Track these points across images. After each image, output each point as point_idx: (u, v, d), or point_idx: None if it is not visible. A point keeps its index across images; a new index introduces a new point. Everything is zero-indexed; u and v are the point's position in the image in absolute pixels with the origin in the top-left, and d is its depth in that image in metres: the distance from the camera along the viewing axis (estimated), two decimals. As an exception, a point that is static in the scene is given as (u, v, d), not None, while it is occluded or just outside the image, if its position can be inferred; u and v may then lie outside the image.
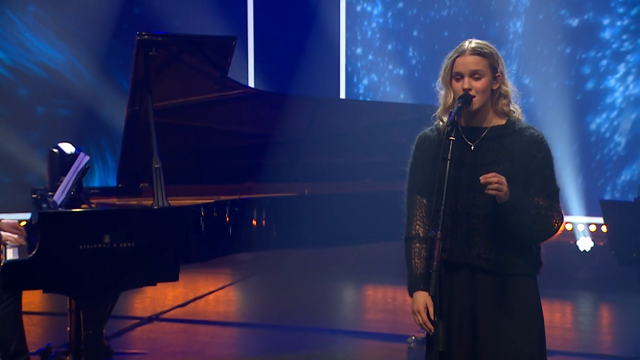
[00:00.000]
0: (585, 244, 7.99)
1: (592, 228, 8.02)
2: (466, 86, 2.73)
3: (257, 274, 8.44)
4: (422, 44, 8.57)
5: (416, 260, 2.79)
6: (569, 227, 7.94)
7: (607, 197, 7.75)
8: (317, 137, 5.16)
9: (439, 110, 2.85)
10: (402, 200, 5.08)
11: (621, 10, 7.94)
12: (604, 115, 8.00)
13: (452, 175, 2.63)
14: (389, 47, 8.71)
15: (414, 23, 8.61)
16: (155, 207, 4.12)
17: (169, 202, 4.18)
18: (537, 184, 2.72)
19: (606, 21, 7.98)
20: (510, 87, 2.80)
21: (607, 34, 7.97)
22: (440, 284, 2.60)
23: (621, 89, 7.96)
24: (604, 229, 7.91)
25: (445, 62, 2.79)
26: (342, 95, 8.78)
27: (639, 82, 7.89)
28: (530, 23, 8.10)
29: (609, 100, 8.00)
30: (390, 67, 8.71)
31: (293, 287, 7.87)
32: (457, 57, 2.75)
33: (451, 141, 2.65)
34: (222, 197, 4.70)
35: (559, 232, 2.80)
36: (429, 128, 2.89)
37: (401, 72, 8.61)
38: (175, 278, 4.04)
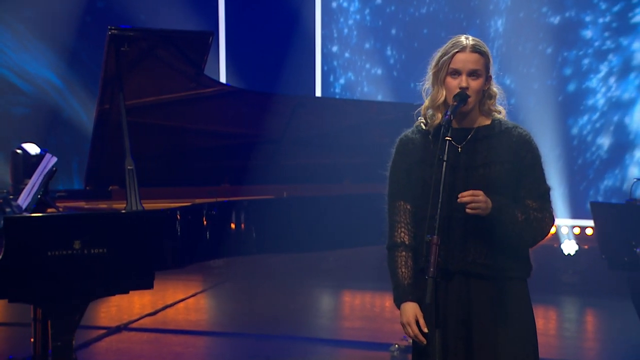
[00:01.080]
0: (569, 247, 8.05)
1: (576, 231, 8.08)
2: (464, 84, 2.70)
3: (229, 280, 8.38)
4: (401, 42, 8.58)
5: (402, 270, 2.76)
6: (552, 230, 8.00)
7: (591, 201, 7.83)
8: (296, 137, 5.12)
9: (423, 107, 2.82)
10: (383, 203, 5.09)
11: (603, 6, 8.02)
12: (585, 118, 8.07)
13: (437, 179, 2.62)
14: (367, 45, 8.70)
15: (392, 20, 8.62)
16: (129, 211, 4.05)
17: (143, 205, 4.11)
18: (527, 185, 2.73)
19: (588, 18, 8.05)
20: (496, 87, 2.81)
21: (589, 32, 8.04)
22: (437, 291, 2.57)
23: (603, 89, 8.04)
24: (588, 231, 7.99)
25: (441, 57, 2.75)
26: (318, 94, 8.76)
27: (622, 83, 7.96)
28: (512, 21, 8.15)
29: (590, 101, 8.07)
30: (368, 66, 8.70)
31: (268, 294, 7.83)
32: (457, 52, 2.71)
33: (447, 142, 2.63)
34: (198, 200, 4.65)
35: (550, 234, 2.81)
36: (409, 130, 2.87)
37: (379, 71, 8.61)
38: (149, 285, 3.98)
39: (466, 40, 2.74)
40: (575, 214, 7.92)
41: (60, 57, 9.02)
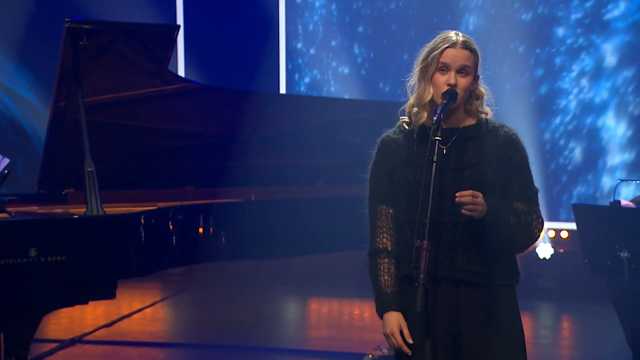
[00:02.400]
0: (544, 251, 8.12)
1: (551, 234, 8.16)
2: (452, 81, 2.69)
3: (190, 288, 8.28)
4: (369, 39, 8.58)
5: (385, 278, 2.74)
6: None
7: (563, 206, 7.90)
8: (266, 137, 5.08)
9: (408, 104, 2.80)
10: (357, 205, 5.06)
11: (575, 2, 8.11)
12: (558, 119, 8.15)
13: (427, 182, 2.60)
14: (333, 42, 8.68)
15: (359, 16, 8.62)
16: (89, 216, 3.96)
17: (104, 209, 4.02)
18: (515, 187, 2.73)
19: (560, 14, 8.14)
20: (484, 88, 2.80)
21: (561, 30, 8.12)
22: (427, 298, 2.55)
23: (575, 90, 8.13)
24: (563, 234, 8.07)
25: (429, 52, 2.73)
26: (283, 85, 8.72)
27: (594, 85, 8.05)
28: (484, 18, 8.20)
29: (563, 102, 8.15)
30: (335, 63, 8.68)
31: (231, 302, 7.77)
32: (448, 47, 2.71)
33: (437, 142, 2.61)
34: (162, 204, 4.58)
35: (540, 238, 2.81)
36: (391, 130, 2.85)
37: (347, 69, 8.59)
38: (112, 295, 3.90)
39: (456, 36, 2.74)
40: (550, 217, 7.99)
41: (5, 51, 8.82)
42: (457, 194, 2.60)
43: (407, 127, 2.80)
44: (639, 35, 7.90)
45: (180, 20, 8.84)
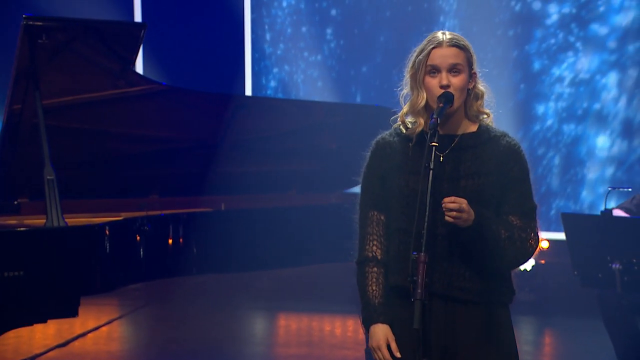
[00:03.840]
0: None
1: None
2: (444, 82, 2.73)
3: (150, 304, 8.29)
4: (341, 27, 8.64)
5: (373, 287, 2.77)
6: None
7: (542, 217, 8.04)
8: (236, 142, 5.14)
9: (401, 113, 2.84)
10: (333, 215, 5.14)
11: (555, 4, 8.26)
12: (537, 126, 8.27)
13: (424, 190, 2.64)
14: (303, 29, 8.74)
15: (332, 2, 8.68)
16: (49, 227, 4.00)
17: (66, 220, 4.07)
18: (512, 201, 2.76)
19: (539, 16, 8.27)
20: (483, 86, 2.84)
21: (539, 32, 8.26)
22: (424, 314, 2.60)
23: (553, 97, 8.25)
24: (544, 244, 8.22)
25: (417, 56, 2.78)
26: (248, 88, 8.76)
27: (590, 68, 8.17)
28: (465, 2, 8.31)
29: (541, 110, 8.25)
30: (306, 54, 8.75)
31: (194, 319, 7.79)
32: (434, 48, 2.75)
33: (433, 148, 2.65)
34: (124, 214, 4.62)
35: (534, 254, 2.87)
36: (387, 132, 2.88)
37: (318, 57, 8.65)
38: (74, 313, 3.95)
39: (443, 35, 2.78)
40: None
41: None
42: (443, 200, 2.63)
43: (404, 131, 2.83)
44: (621, 41, 8.06)
45: (138, 16, 8.84)
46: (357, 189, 6.08)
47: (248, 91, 8.75)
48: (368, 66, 8.53)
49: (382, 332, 2.74)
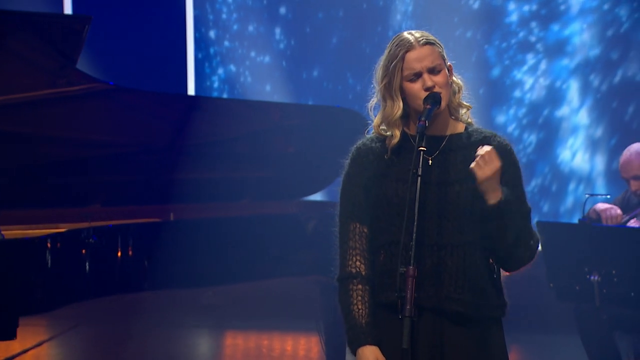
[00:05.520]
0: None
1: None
2: (429, 83, 2.76)
3: (83, 323, 8.18)
4: (290, 25, 8.67)
5: (359, 306, 2.78)
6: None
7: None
8: (186, 147, 5.14)
9: (374, 125, 2.86)
10: (290, 225, 5.16)
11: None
12: (512, 112, 8.36)
13: (412, 198, 2.67)
14: (250, 28, 8.74)
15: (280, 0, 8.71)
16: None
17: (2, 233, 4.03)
18: None
19: (512, 6, 8.38)
20: (459, 78, 2.89)
21: (513, 19, 8.37)
22: (414, 333, 2.63)
23: (531, 81, 8.34)
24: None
25: (387, 63, 2.79)
26: (191, 90, 8.73)
27: (551, 72, 8.29)
28: (422, 1, 8.39)
29: (502, 122, 8.33)
30: (253, 54, 8.75)
31: (134, 339, 7.73)
32: (407, 52, 2.77)
33: (422, 153, 2.68)
34: (63, 226, 4.59)
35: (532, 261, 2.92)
36: (367, 138, 2.89)
37: (266, 59, 8.67)
38: (11, 335, 3.93)
39: (410, 35, 2.80)
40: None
41: None
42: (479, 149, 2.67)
43: (385, 135, 2.83)
44: (584, 41, 8.20)
45: (68, 7, 8.74)
46: (316, 197, 6.16)
47: (190, 93, 8.70)
48: (320, 68, 8.56)
49: (371, 354, 2.76)
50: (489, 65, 8.31)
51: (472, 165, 2.69)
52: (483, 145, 2.75)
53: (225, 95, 8.73)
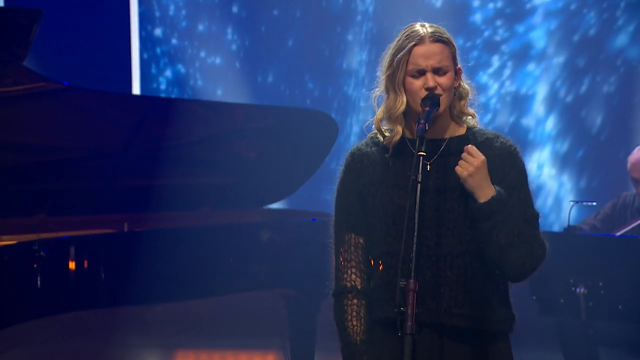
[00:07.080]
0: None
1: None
2: (431, 84, 2.73)
3: (20, 343, 8.04)
4: (244, 24, 8.63)
5: (354, 323, 2.77)
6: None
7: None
8: (140, 151, 5.08)
9: (376, 119, 2.84)
10: (252, 236, 5.11)
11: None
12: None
13: (411, 206, 2.64)
14: (201, 27, 8.69)
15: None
16: None
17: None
18: None
19: (476, 3, 8.46)
20: (467, 84, 2.85)
21: (477, 18, 8.44)
22: (415, 351, 2.60)
23: (496, 86, 8.44)
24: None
25: (394, 54, 2.77)
26: (136, 90, 8.63)
27: (517, 77, 8.38)
28: (383, 0, 8.42)
29: (482, 99, 8.43)
30: (203, 54, 8.69)
31: (74, 361, 7.63)
32: (415, 45, 2.74)
33: (421, 158, 2.65)
34: (5, 237, 4.51)
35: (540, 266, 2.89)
36: (362, 142, 2.88)
37: (217, 60, 8.62)
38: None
39: (423, 28, 2.77)
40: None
41: None
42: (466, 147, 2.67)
43: (381, 139, 2.82)
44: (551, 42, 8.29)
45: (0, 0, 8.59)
46: (282, 205, 6.11)
47: (136, 85, 8.61)
48: (275, 71, 8.52)
49: None
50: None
51: (457, 167, 2.69)
52: (487, 147, 2.74)
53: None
